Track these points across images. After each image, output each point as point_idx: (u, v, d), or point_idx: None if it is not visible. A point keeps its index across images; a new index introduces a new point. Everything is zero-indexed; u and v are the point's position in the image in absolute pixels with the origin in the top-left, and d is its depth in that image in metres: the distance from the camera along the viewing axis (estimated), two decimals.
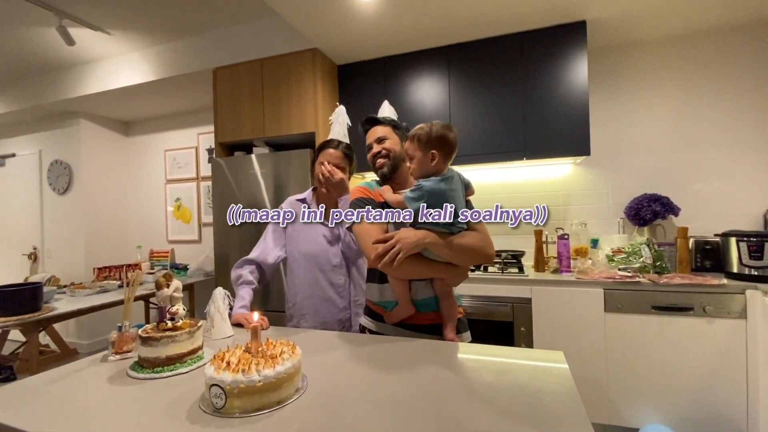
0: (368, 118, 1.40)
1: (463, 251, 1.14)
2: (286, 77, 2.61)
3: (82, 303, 2.44)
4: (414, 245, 1.10)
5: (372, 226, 1.19)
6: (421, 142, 1.15)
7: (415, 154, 1.16)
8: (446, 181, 1.15)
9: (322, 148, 1.55)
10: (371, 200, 1.26)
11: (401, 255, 1.08)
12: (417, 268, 1.15)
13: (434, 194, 1.11)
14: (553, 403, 0.77)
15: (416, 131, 1.17)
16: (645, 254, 2.18)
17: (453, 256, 1.14)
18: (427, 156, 1.15)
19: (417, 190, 1.13)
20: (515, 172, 2.78)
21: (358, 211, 1.22)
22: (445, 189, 1.13)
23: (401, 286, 1.19)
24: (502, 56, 2.46)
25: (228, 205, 2.69)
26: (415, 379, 0.90)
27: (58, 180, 3.91)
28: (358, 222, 1.22)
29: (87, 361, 1.08)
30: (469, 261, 1.19)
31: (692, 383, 1.92)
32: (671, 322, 1.95)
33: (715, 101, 2.47)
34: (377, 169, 1.32)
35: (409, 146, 1.17)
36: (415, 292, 1.21)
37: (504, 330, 2.19)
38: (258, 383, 0.75)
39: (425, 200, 1.11)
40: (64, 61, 3.35)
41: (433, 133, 1.15)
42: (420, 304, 1.22)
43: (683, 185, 2.50)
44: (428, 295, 1.22)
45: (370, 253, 1.14)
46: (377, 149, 1.32)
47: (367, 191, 1.29)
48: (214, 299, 1.27)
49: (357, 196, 1.28)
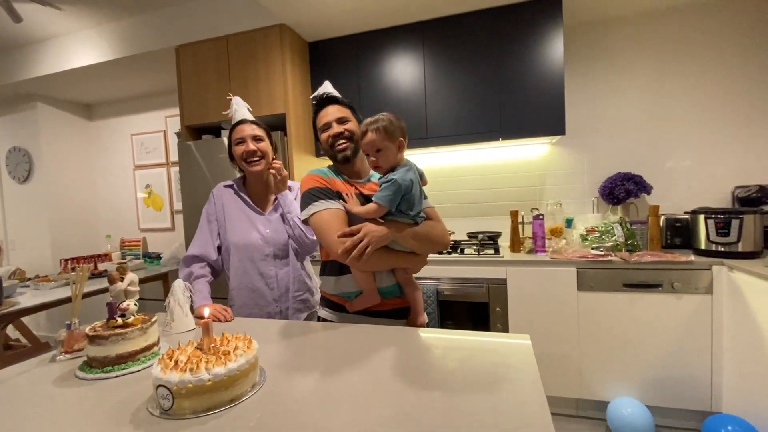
0: (328, 96, 1.29)
1: (427, 240, 1.15)
2: (254, 55, 2.49)
3: (47, 297, 2.34)
4: (382, 238, 1.08)
5: (332, 218, 1.13)
6: (389, 132, 1.10)
7: (385, 145, 1.10)
8: (410, 171, 1.12)
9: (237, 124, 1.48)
10: (327, 189, 1.17)
11: (370, 249, 1.05)
12: (383, 259, 1.13)
13: (406, 187, 1.08)
14: (513, 385, 0.76)
15: (381, 122, 1.10)
16: (617, 233, 2.20)
17: (417, 246, 1.14)
18: (395, 145, 1.12)
19: (391, 187, 1.07)
20: (491, 153, 2.75)
21: (315, 202, 1.15)
22: (412, 179, 1.10)
23: (366, 276, 1.16)
24: (478, 32, 2.39)
25: (199, 190, 2.60)
26: (375, 368, 0.88)
27: (17, 168, 3.70)
28: (317, 213, 1.14)
29: (35, 361, 1.02)
30: (431, 249, 1.20)
31: (660, 357, 1.98)
32: (641, 298, 1.99)
33: (687, 78, 2.48)
34: (338, 152, 1.22)
35: (376, 138, 1.10)
36: (380, 281, 1.19)
37: (480, 311, 2.21)
38: (207, 382, 0.71)
39: (402, 194, 1.08)
40: (14, 41, 3.11)
41: (397, 123, 1.13)
42: (385, 292, 1.20)
43: (656, 163, 2.53)
44: (391, 282, 1.21)
45: (335, 247, 1.09)
46: (339, 129, 1.22)
47: (321, 179, 1.19)
48: (174, 291, 1.22)
49: (311, 186, 1.18)
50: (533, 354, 0.91)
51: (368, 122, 1.12)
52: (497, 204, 2.76)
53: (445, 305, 2.26)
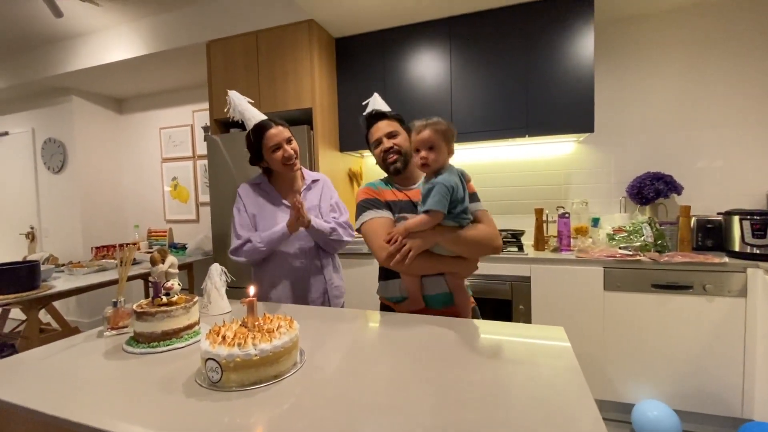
0: (376, 113, 1.36)
1: (473, 244, 1.14)
2: (282, 51, 2.53)
3: (80, 281, 2.44)
4: (425, 242, 1.11)
5: (379, 226, 1.19)
6: (445, 134, 1.15)
7: (439, 146, 1.14)
8: (453, 174, 1.14)
9: (265, 130, 1.44)
10: (377, 200, 1.26)
11: (412, 253, 1.10)
12: (427, 264, 1.15)
13: (452, 188, 1.10)
14: (554, 377, 0.76)
15: (438, 125, 1.15)
16: (646, 233, 2.16)
17: (463, 250, 1.15)
18: (447, 148, 1.16)
19: (439, 191, 1.09)
20: (516, 150, 2.73)
21: (364, 213, 1.24)
22: (457, 182, 1.12)
23: (412, 281, 1.20)
24: (506, 29, 2.37)
25: (226, 183, 2.65)
26: (413, 354, 0.89)
27: (52, 159, 3.85)
28: (366, 222, 1.22)
29: (82, 336, 1.07)
30: (478, 253, 1.19)
31: (689, 360, 1.93)
32: (670, 300, 1.94)
33: (720, 77, 2.40)
34: (389, 165, 1.30)
35: (433, 137, 1.13)
36: (426, 288, 1.22)
37: (503, 308, 2.20)
38: (254, 357, 0.74)
39: (451, 197, 1.10)
40: (54, 35, 3.24)
41: (451, 128, 1.17)
42: (430, 300, 1.22)
43: (686, 163, 2.46)
44: (438, 291, 1.22)
45: (379, 253, 1.15)
46: (388, 144, 1.29)
47: (372, 191, 1.29)
48: (211, 275, 1.26)
49: (363, 198, 1.28)
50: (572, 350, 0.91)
51: (425, 122, 1.16)
52: (521, 202, 2.74)
53: None
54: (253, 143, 1.47)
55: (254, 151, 1.49)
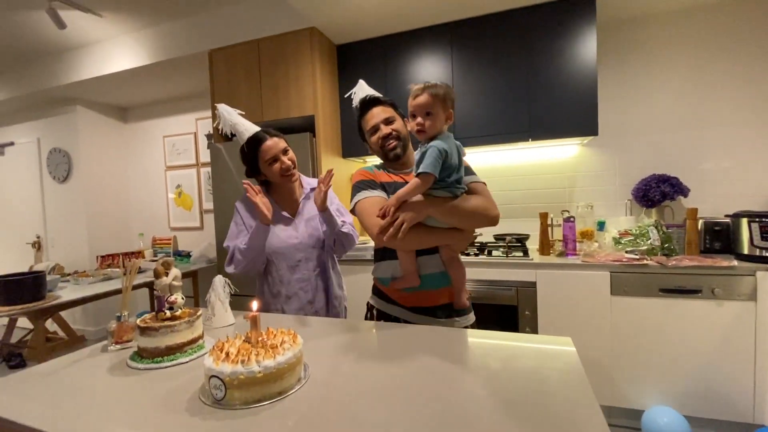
0: (370, 99, 1.34)
1: (468, 215, 1.11)
2: (284, 58, 2.54)
3: (86, 291, 2.44)
4: (417, 213, 1.08)
5: (372, 204, 1.17)
6: (443, 99, 1.09)
7: (437, 111, 1.09)
8: (448, 139, 1.10)
9: (261, 143, 1.40)
10: (372, 181, 1.25)
11: (405, 225, 1.06)
12: (421, 237, 1.12)
13: (445, 152, 1.05)
14: (561, 388, 0.75)
15: (437, 88, 1.09)
16: (653, 236, 2.13)
17: (457, 221, 1.11)
18: (445, 114, 1.11)
19: (431, 154, 1.05)
20: (519, 154, 2.72)
21: (358, 193, 1.23)
22: (451, 148, 1.08)
23: (408, 257, 1.17)
24: (507, 33, 2.37)
25: (229, 191, 2.66)
26: (419, 366, 0.88)
27: (57, 168, 3.88)
28: (359, 201, 1.21)
29: (87, 351, 1.07)
30: (473, 224, 1.16)
31: (699, 365, 1.90)
32: (679, 304, 1.92)
33: (725, 77, 2.38)
34: (389, 151, 1.27)
35: (430, 101, 1.08)
36: (421, 267, 1.19)
37: (508, 314, 2.18)
38: (258, 374, 0.73)
39: (444, 162, 1.06)
40: (58, 46, 3.27)
41: (451, 92, 1.12)
42: (425, 279, 1.20)
43: (692, 165, 2.44)
44: (435, 270, 1.20)
45: (373, 229, 1.13)
46: (387, 131, 1.26)
47: (367, 173, 1.29)
48: (215, 287, 1.25)
49: (358, 179, 1.28)
50: (578, 358, 0.90)
51: (423, 85, 1.10)
52: (525, 206, 2.72)
53: (472, 307, 2.23)
54: (248, 156, 1.44)
55: (250, 165, 1.45)
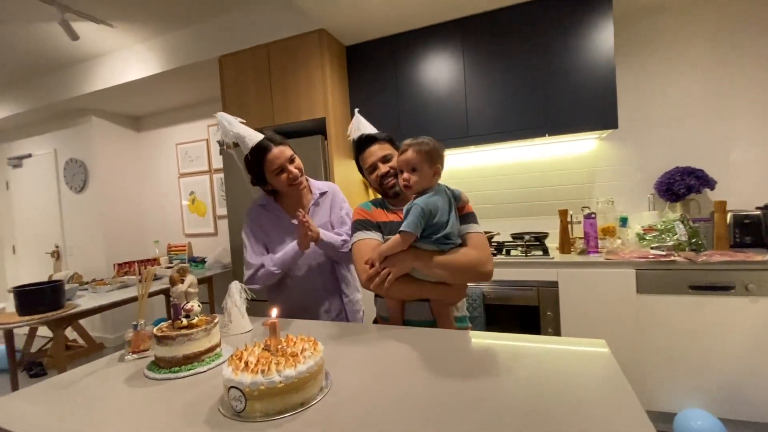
0: (367, 137, 1.34)
1: (456, 269, 1.08)
2: (293, 62, 2.52)
3: (104, 299, 2.45)
4: (403, 266, 1.08)
5: (365, 247, 1.17)
6: (429, 156, 1.11)
7: (422, 167, 1.11)
8: (436, 195, 1.11)
9: (266, 152, 1.35)
10: (367, 221, 1.25)
11: (391, 276, 1.07)
12: (409, 288, 1.12)
13: (429, 211, 1.07)
14: (602, 395, 0.70)
15: (423, 145, 1.11)
16: (679, 231, 2.05)
17: (444, 275, 1.08)
18: (432, 170, 1.12)
19: (413, 212, 1.07)
20: (535, 150, 2.65)
21: (355, 233, 1.23)
22: (437, 203, 1.08)
23: (395, 304, 1.18)
24: (520, 26, 2.31)
25: (243, 195, 2.65)
26: (445, 373, 0.83)
27: (74, 178, 3.94)
28: (354, 243, 1.22)
29: (104, 361, 1.06)
30: (460, 279, 1.13)
31: (734, 365, 1.81)
32: (710, 301, 1.83)
33: (749, 62, 2.28)
34: (388, 189, 1.29)
35: (415, 158, 1.10)
36: (407, 313, 1.19)
37: (529, 315, 2.11)
38: (279, 384, 0.70)
39: (426, 219, 1.07)
40: (71, 58, 3.32)
41: (439, 149, 1.14)
42: (413, 325, 1.17)
43: (718, 156, 2.34)
44: (420, 318, 1.18)
45: (361, 275, 1.14)
46: (385, 169, 1.28)
47: (364, 212, 1.28)
48: (231, 293, 1.23)
49: (355, 218, 1.28)
50: (615, 361, 0.84)
51: (410, 142, 1.13)
52: (542, 203, 2.65)
53: (491, 309, 2.18)
54: (253, 166, 1.38)
55: (256, 174, 1.40)
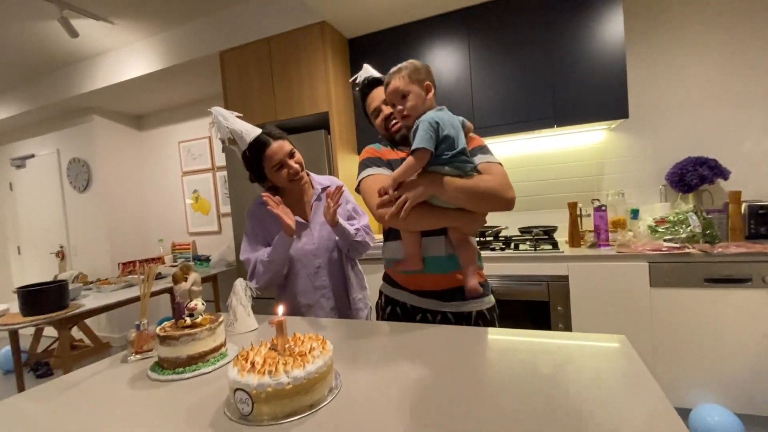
0: (369, 81, 1.28)
1: (477, 195, 1.00)
2: (296, 55, 2.48)
3: (109, 299, 2.44)
4: (421, 192, 0.99)
5: (376, 182, 1.09)
6: (412, 75, 1.04)
7: (410, 89, 1.04)
8: (441, 110, 1.03)
9: (264, 148, 1.29)
10: (378, 159, 1.19)
11: (408, 205, 0.99)
12: (426, 217, 1.04)
13: (438, 123, 0.98)
14: (631, 396, 0.66)
15: (404, 68, 1.05)
16: (693, 223, 2.00)
17: (465, 201, 1.01)
18: (423, 88, 1.05)
19: (421, 127, 0.97)
20: (543, 142, 2.59)
21: (363, 170, 1.17)
22: (444, 118, 1.00)
23: (411, 238, 1.09)
24: (527, 15, 2.25)
25: (245, 193, 2.63)
26: (461, 371, 0.80)
27: (77, 178, 3.93)
28: (364, 179, 1.15)
29: (107, 362, 1.03)
30: (484, 206, 1.04)
31: (751, 360, 1.77)
32: (727, 294, 1.78)
33: (762, 50, 2.21)
34: (394, 133, 1.21)
35: (400, 83, 1.04)
36: (425, 249, 1.11)
37: (539, 310, 2.07)
38: (287, 386, 0.67)
39: (439, 133, 0.98)
40: (72, 56, 3.30)
41: (422, 65, 1.07)
42: (430, 263, 1.11)
43: (730, 146, 2.28)
44: (440, 253, 1.11)
45: (374, 207, 1.06)
46: (388, 111, 1.20)
47: (374, 151, 1.23)
48: (236, 291, 1.20)
49: (364, 156, 1.22)
50: (640, 359, 0.80)
51: (390, 71, 1.07)
52: (550, 196, 2.60)
53: (500, 305, 2.10)
54: (251, 162, 1.33)
55: (254, 171, 1.35)
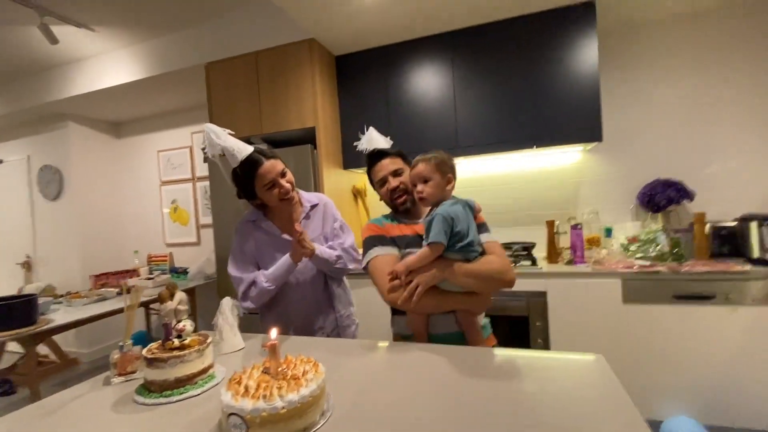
0: (379, 151, 1.34)
1: (483, 278, 1.08)
2: (283, 70, 2.50)
3: (81, 313, 2.35)
4: (432, 278, 1.07)
5: (384, 264, 1.16)
6: (439, 166, 1.14)
7: (433, 177, 1.14)
8: (456, 204, 1.12)
9: (257, 167, 1.28)
10: (382, 237, 1.23)
11: (420, 289, 1.06)
12: (436, 300, 1.10)
13: (452, 218, 1.07)
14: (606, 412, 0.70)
15: (432, 158, 1.16)
16: (662, 242, 2.11)
17: (473, 284, 1.08)
18: (444, 180, 1.15)
19: (437, 222, 1.07)
20: (523, 161, 2.69)
21: (370, 250, 1.21)
22: (457, 212, 1.09)
23: (418, 319, 1.15)
24: (508, 41, 2.36)
25: (228, 205, 2.60)
26: (449, 390, 0.82)
27: (48, 186, 3.78)
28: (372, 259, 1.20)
29: (88, 384, 1.00)
30: (489, 288, 1.13)
31: (717, 373, 1.86)
32: (694, 311, 1.89)
33: (727, 80, 2.39)
34: (399, 204, 1.29)
35: (426, 169, 1.14)
36: (433, 327, 1.17)
37: (519, 325, 2.13)
38: (281, 410, 0.67)
39: (453, 228, 1.07)
40: (49, 62, 3.21)
41: (448, 160, 1.17)
42: (437, 340, 1.15)
43: (697, 169, 2.43)
44: (447, 330, 1.17)
45: (384, 290, 1.12)
46: (395, 183, 1.28)
47: (377, 228, 1.27)
48: (222, 310, 1.19)
49: (368, 235, 1.26)
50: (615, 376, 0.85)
51: (420, 156, 1.17)
52: (529, 213, 2.69)
53: None
54: (242, 180, 1.32)
55: (244, 188, 1.34)
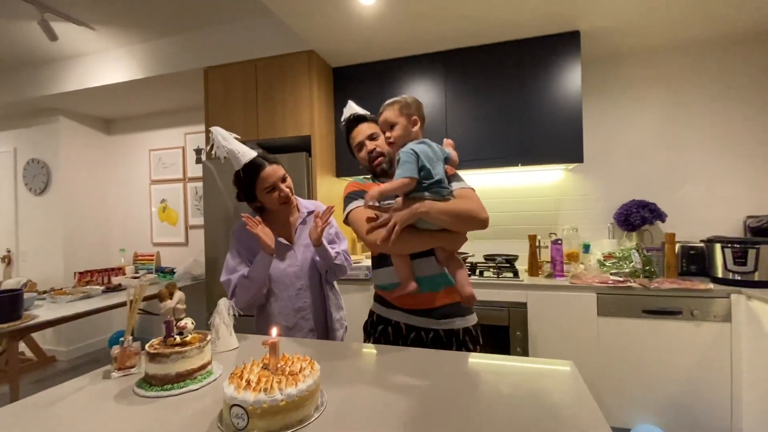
0: (355, 117, 1.39)
1: (459, 216, 1.13)
2: (281, 79, 2.57)
3: (65, 310, 2.33)
4: (409, 215, 1.09)
5: (364, 212, 1.19)
6: (403, 108, 1.17)
7: (398, 121, 1.16)
8: (422, 143, 1.15)
9: (259, 170, 1.38)
10: (363, 191, 1.26)
11: (397, 228, 1.09)
12: (414, 240, 1.14)
13: (422, 154, 1.10)
14: (572, 414, 0.79)
15: (395, 102, 1.18)
16: (635, 259, 2.24)
17: (448, 222, 1.12)
18: (410, 121, 1.17)
19: (404, 157, 1.09)
20: (508, 177, 2.82)
21: (350, 203, 1.25)
22: (428, 149, 1.13)
23: (402, 262, 1.18)
24: (499, 63, 2.49)
25: (219, 208, 2.63)
26: (432, 392, 0.90)
27: (34, 180, 3.73)
28: (352, 210, 1.23)
29: (88, 378, 1.04)
30: (464, 226, 1.17)
31: (680, 384, 1.99)
32: (661, 325, 2.01)
33: (700, 108, 2.57)
34: (376, 166, 1.32)
35: (390, 114, 1.17)
36: (417, 269, 1.20)
37: (500, 334, 2.22)
38: (281, 402, 0.73)
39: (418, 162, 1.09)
40: (45, 56, 3.20)
41: (412, 102, 1.19)
42: (424, 282, 1.20)
43: (669, 191, 2.60)
44: (431, 272, 1.22)
45: (365, 234, 1.16)
46: (372, 146, 1.32)
47: (358, 185, 1.32)
48: (219, 310, 1.24)
49: (349, 191, 1.30)
50: (583, 381, 0.94)
51: (385, 103, 1.20)
52: (513, 227, 2.81)
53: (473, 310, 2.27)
54: (244, 182, 1.40)
55: (245, 191, 1.42)
